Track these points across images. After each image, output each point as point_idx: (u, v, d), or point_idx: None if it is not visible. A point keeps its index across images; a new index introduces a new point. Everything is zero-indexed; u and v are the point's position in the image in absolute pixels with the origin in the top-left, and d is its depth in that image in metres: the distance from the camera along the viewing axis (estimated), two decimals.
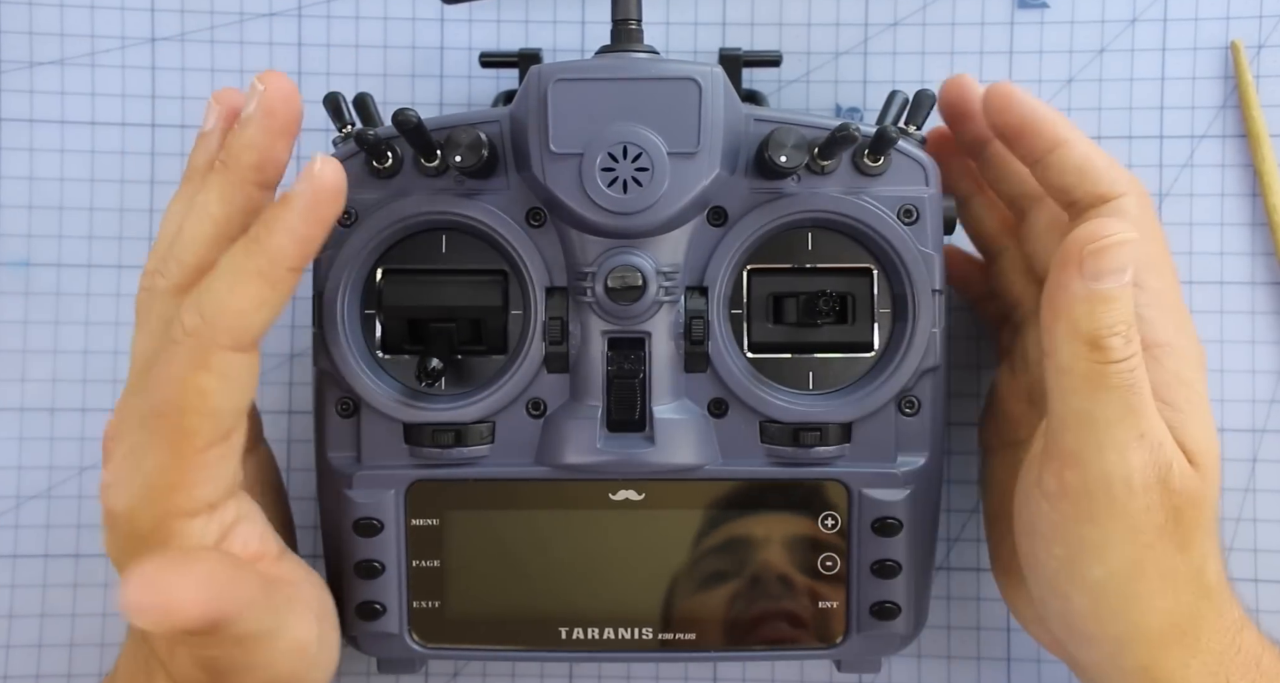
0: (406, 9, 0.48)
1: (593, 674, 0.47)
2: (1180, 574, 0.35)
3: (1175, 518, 0.35)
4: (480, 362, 0.40)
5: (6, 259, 0.47)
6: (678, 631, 0.40)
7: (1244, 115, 0.46)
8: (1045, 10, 0.47)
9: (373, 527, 0.39)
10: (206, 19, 0.47)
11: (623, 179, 0.36)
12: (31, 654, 0.47)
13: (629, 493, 0.39)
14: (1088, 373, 0.33)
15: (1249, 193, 0.47)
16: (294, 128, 0.34)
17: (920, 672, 0.47)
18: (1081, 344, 0.33)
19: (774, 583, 0.40)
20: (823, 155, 0.38)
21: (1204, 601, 0.36)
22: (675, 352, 0.38)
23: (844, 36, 0.47)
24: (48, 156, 0.47)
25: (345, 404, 0.39)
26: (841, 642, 0.40)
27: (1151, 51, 0.47)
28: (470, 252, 0.39)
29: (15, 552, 0.47)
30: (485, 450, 0.39)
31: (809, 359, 0.40)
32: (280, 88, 0.33)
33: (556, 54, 0.47)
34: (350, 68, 0.48)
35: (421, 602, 0.40)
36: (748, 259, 0.39)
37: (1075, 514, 0.35)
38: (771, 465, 0.39)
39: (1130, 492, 0.34)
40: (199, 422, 0.33)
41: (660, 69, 0.37)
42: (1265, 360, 0.46)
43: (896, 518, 0.39)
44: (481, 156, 0.37)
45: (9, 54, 0.47)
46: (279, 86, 0.33)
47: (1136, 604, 0.35)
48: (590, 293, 0.38)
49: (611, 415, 0.38)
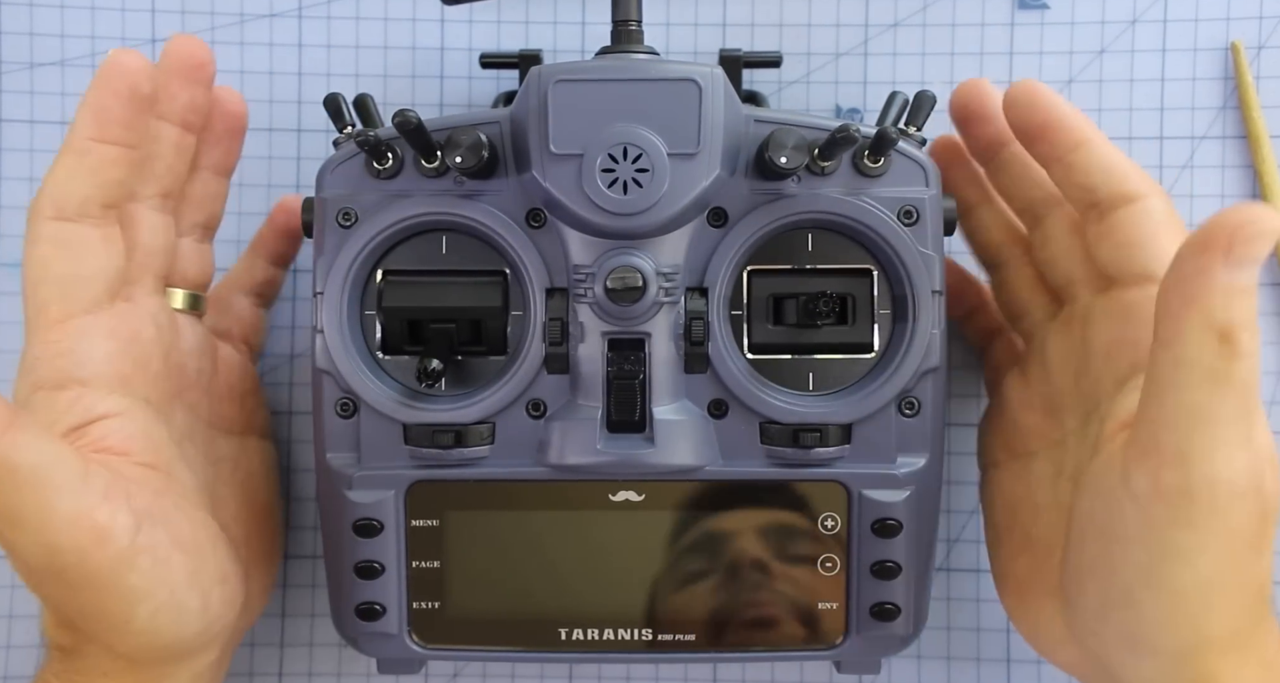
0: (407, 10, 0.48)
1: (593, 675, 0.47)
2: (1254, 582, 0.34)
3: (1262, 523, 0.33)
4: (480, 362, 0.40)
5: (6, 259, 0.47)
6: (677, 631, 0.40)
7: (1244, 116, 0.47)
8: (1045, 11, 0.47)
9: (372, 527, 0.39)
10: (207, 20, 0.48)
11: (623, 180, 0.36)
12: (32, 655, 0.47)
13: (629, 494, 0.39)
14: (1212, 368, 0.31)
15: (1249, 194, 0.47)
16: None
17: (920, 673, 0.47)
18: (1212, 336, 0.31)
19: (773, 584, 0.40)
20: (823, 156, 0.38)
21: (1263, 607, 0.35)
22: (675, 353, 0.38)
23: (844, 37, 0.47)
24: (48, 157, 0.47)
25: (345, 405, 0.39)
26: (841, 643, 0.40)
27: (1151, 52, 0.47)
28: (470, 252, 0.39)
29: None
30: (485, 451, 0.39)
31: (809, 360, 0.40)
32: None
33: (557, 55, 0.47)
34: (351, 69, 0.48)
35: (421, 603, 0.40)
36: (748, 260, 0.39)
37: (1170, 517, 0.33)
38: (771, 466, 0.39)
39: (1232, 496, 0.32)
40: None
41: (660, 70, 0.37)
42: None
43: (896, 519, 0.39)
44: (482, 157, 0.37)
45: (9, 55, 0.47)
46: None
47: (1212, 614, 0.34)
48: (590, 294, 0.38)
49: (611, 416, 0.38)
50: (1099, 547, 0.35)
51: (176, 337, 0.40)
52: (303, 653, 0.47)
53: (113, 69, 0.37)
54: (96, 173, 0.37)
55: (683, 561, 0.40)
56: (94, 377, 0.37)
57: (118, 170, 0.37)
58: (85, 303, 0.37)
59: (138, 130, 0.37)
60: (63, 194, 0.37)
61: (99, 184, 0.37)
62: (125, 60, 0.37)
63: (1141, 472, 0.33)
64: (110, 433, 0.37)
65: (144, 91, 0.37)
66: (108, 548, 0.34)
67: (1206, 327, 0.31)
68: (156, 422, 0.38)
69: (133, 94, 0.37)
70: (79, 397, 0.37)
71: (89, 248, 0.37)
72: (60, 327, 0.37)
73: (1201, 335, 0.31)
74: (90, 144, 0.37)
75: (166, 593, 0.36)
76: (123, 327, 0.38)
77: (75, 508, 0.34)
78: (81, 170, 0.37)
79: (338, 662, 0.47)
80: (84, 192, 0.37)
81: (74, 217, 0.37)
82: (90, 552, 0.34)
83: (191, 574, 0.37)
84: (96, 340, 0.37)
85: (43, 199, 0.37)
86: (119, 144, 0.37)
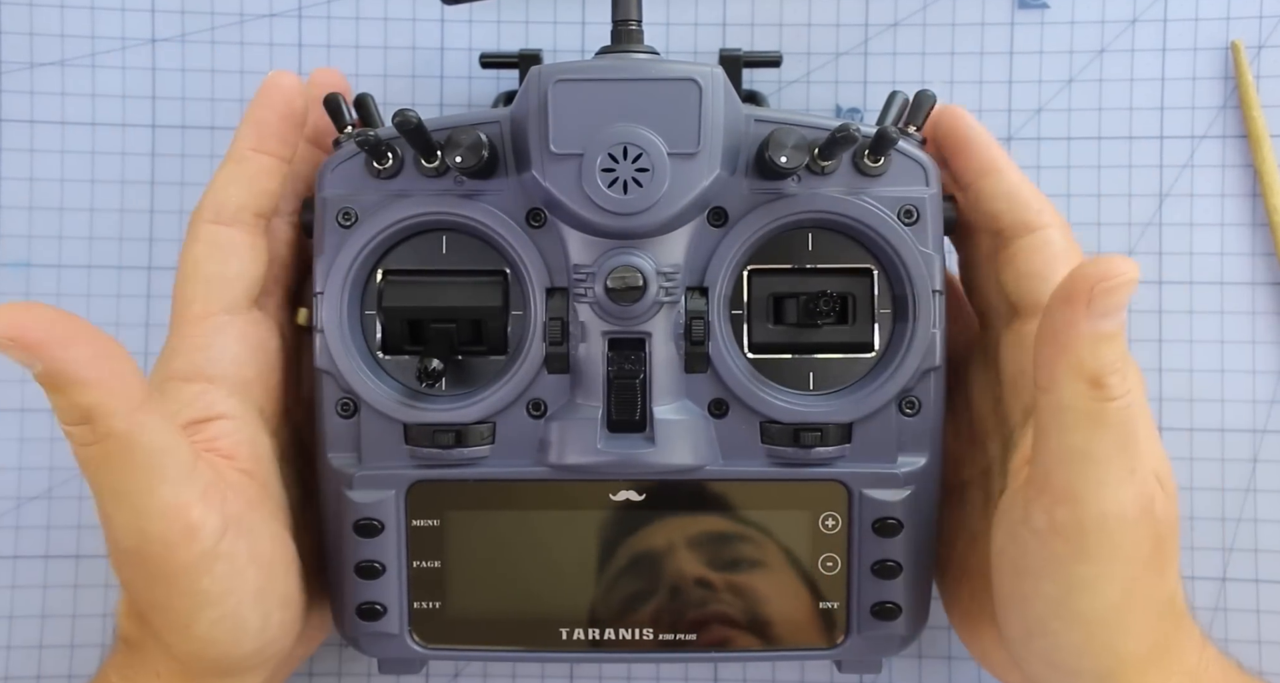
0: (407, 10, 0.48)
1: (593, 675, 0.47)
2: (1161, 599, 0.36)
3: (1158, 546, 0.35)
4: (480, 362, 0.40)
5: (7, 260, 0.47)
6: (678, 631, 0.40)
7: (1244, 116, 0.47)
8: (1045, 11, 0.47)
9: (373, 527, 0.39)
10: (207, 20, 0.48)
11: (623, 180, 0.36)
12: (32, 655, 0.47)
13: (629, 493, 0.39)
14: (1087, 411, 0.33)
15: (1249, 193, 0.47)
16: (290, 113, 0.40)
17: (921, 672, 0.47)
18: (1083, 383, 0.32)
19: (774, 583, 0.40)
20: (823, 156, 0.38)
21: (1177, 620, 0.37)
22: (675, 352, 0.38)
23: (844, 37, 0.47)
24: (48, 158, 0.47)
25: (345, 405, 0.39)
26: (842, 642, 0.40)
27: (1152, 52, 0.47)
28: (470, 252, 0.39)
29: (16, 553, 0.47)
30: (485, 451, 0.39)
31: (809, 360, 0.40)
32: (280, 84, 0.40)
33: (557, 55, 0.47)
34: (350, 69, 0.48)
35: (422, 602, 0.40)
36: (748, 259, 0.39)
37: (1069, 552, 0.34)
38: (772, 466, 0.39)
39: (1124, 526, 0.34)
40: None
41: (660, 70, 0.37)
42: (1265, 361, 0.46)
43: (897, 518, 0.39)
44: (482, 157, 0.37)
45: (9, 55, 0.47)
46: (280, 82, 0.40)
47: (1126, 635, 0.35)
48: (590, 293, 0.38)
49: (612, 416, 0.38)
50: (1012, 581, 0.37)
51: (300, 357, 0.42)
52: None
53: (272, 88, 0.39)
54: (254, 181, 0.39)
55: (683, 560, 0.40)
56: (221, 376, 0.38)
57: (272, 181, 0.39)
58: (226, 302, 0.38)
59: (291, 145, 0.39)
60: (222, 198, 0.39)
61: (254, 192, 0.39)
62: (282, 80, 0.39)
63: (1038, 509, 0.35)
64: (223, 435, 0.38)
65: (298, 108, 0.39)
66: (193, 546, 0.35)
67: (1077, 375, 0.32)
68: (264, 433, 0.39)
69: (288, 110, 0.39)
70: (204, 392, 0.38)
71: (237, 252, 0.39)
72: (200, 323, 0.38)
73: (1074, 383, 0.33)
74: (249, 153, 0.39)
75: (233, 604, 0.36)
76: (254, 333, 0.39)
77: (174, 500, 0.34)
78: (241, 177, 0.39)
79: (338, 662, 0.47)
80: (240, 198, 0.39)
81: (229, 221, 0.38)
82: (176, 546, 0.34)
83: (259, 591, 0.37)
84: (229, 341, 0.38)
85: (204, 203, 0.39)
86: (274, 156, 0.39)
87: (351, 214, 0.39)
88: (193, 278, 0.39)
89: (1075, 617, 0.35)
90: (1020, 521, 0.35)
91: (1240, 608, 0.46)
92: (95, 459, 0.33)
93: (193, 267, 0.39)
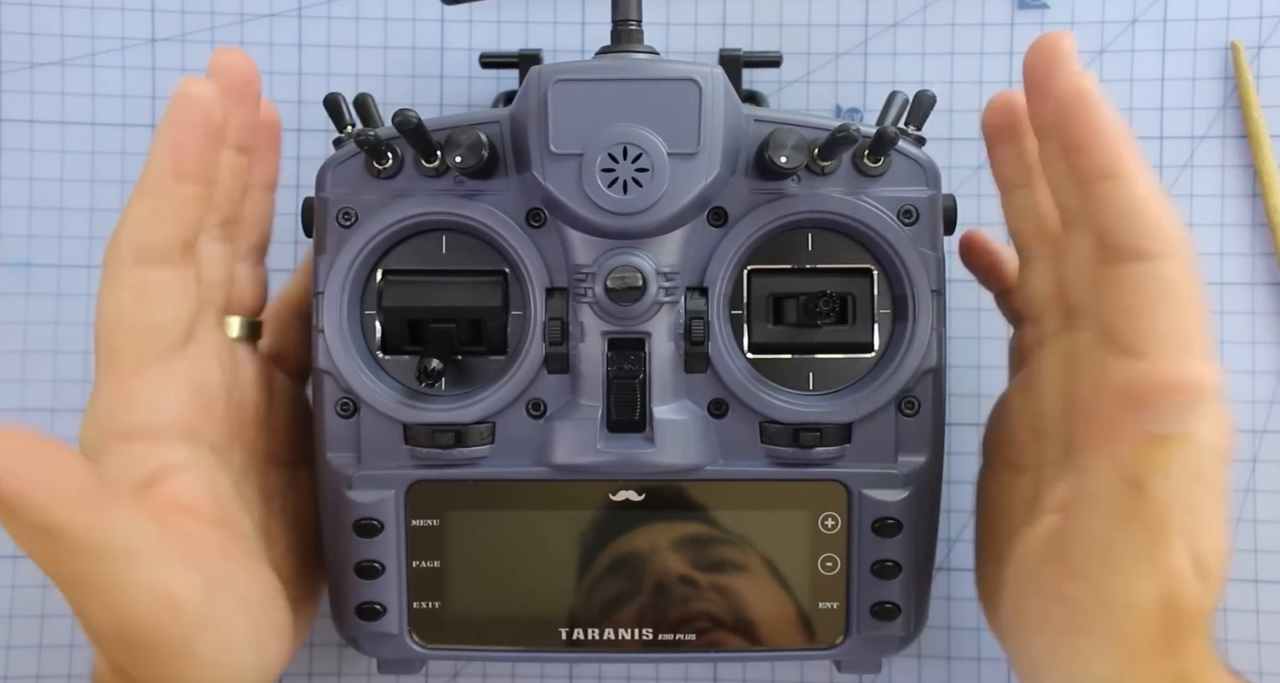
0: (407, 10, 0.48)
1: (593, 675, 0.47)
2: (1166, 675, 0.33)
3: (1170, 631, 0.32)
4: (480, 362, 0.40)
5: (7, 260, 0.47)
6: (678, 631, 0.40)
7: (1244, 116, 0.47)
8: (1045, 11, 0.47)
9: (373, 527, 0.39)
10: (207, 20, 0.48)
11: (623, 180, 0.36)
12: (32, 655, 0.47)
13: (629, 493, 0.39)
14: (1120, 508, 0.30)
15: (1249, 193, 0.47)
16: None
17: (921, 672, 0.47)
18: (1121, 481, 0.30)
19: (774, 584, 0.40)
20: (823, 156, 0.38)
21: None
22: (675, 352, 0.38)
23: (844, 37, 0.47)
24: (48, 157, 0.47)
25: (345, 404, 0.39)
26: (841, 642, 0.40)
27: (1151, 52, 0.47)
28: (470, 252, 0.39)
29: (16, 552, 0.47)
30: (485, 451, 0.39)
31: (809, 360, 0.40)
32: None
33: (557, 55, 0.47)
34: (350, 68, 0.48)
35: (422, 602, 0.40)
36: (748, 259, 0.39)
37: (1069, 622, 0.33)
38: (771, 466, 0.39)
39: (1131, 616, 0.32)
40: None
41: (660, 70, 0.37)
42: (1265, 361, 0.46)
43: (896, 519, 0.39)
44: (482, 157, 0.37)
45: (9, 55, 0.47)
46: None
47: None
48: (590, 293, 0.38)
49: (611, 416, 0.38)
50: (1014, 615, 0.36)
51: (238, 371, 0.39)
52: (303, 653, 0.47)
53: (184, 101, 0.35)
54: (177, 214, 0.35)
55: (682, 560, 0.40)
56: (165, 427, 0.35)
57: (197, 209, 0.35)
58: (159, 351, 0.35)
59: (212, 164, 0.35)
60: (144, 238, 0.35)
61: (179, 225, 0.35)
62: (195, 90, 0.35)
63: (1048, 574, 0.33)
64: (180, 489, 0.35)
65: (216, 122, 0.35)
66: (180, 618, 0.33)
67: (1115, 472, 0.30)
68: (219, 468, 0.37)
69: (206, 126, 0.35)
70: (150, 450, 0.35)
71: (166, 294, 0.35)
72: (133, 377, 0.35)
73: (1110, 478, 0.30)
74: (169, 184, 0.35)
75: (229, 657, 0.35)
76: (193, 373, 0.36)
77: (151, 579, 0.32)
78: (162, 213, 0.35)
79: (338, 662, 0.47)
80: (165, 234, 0.35)
81: (155, 261, 0.35)
82: (163, 623, 0.33)
83: (251, 635, 0.36)
84: (169, 391, 0.35)
85: (121, 243, 0.35)
86: (196, 181, 0.35)
87: (351, 214, 0.39)
88: (118, 328, 0.35)
89: (1065, 675, 0.34)
90: (1029, 575, 0.34)
91: (1240, 608, 0.46)
92: (61, 567, 0.31)
93: (117, 316, 0.35)
